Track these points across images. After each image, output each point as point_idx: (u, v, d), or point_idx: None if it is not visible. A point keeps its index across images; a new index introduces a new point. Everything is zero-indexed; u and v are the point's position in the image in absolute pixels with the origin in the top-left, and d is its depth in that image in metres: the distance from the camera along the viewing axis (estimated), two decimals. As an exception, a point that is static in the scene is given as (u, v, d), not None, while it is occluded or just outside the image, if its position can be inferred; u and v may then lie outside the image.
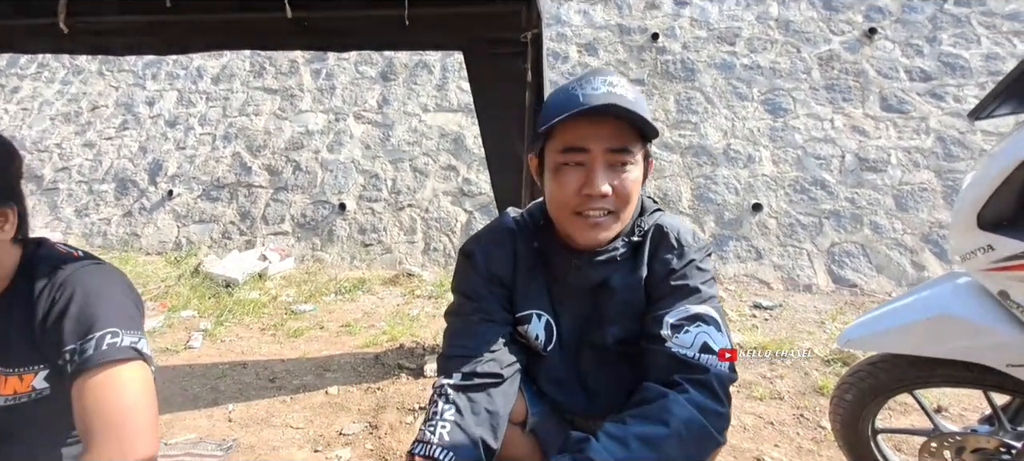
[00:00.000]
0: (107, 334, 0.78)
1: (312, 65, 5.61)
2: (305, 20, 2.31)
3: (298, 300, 3.59)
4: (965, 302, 1.10)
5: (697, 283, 0.90)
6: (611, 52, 5.04)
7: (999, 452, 1.23)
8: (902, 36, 4.60)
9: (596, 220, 0.86)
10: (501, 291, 0.98)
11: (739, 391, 2.33)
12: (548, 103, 0.88)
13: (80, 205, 5.19)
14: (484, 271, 0.97)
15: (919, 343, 1.17)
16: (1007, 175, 0.93)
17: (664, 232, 0.95)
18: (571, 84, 0.86)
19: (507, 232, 1.01)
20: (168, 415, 2.18)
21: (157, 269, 4.14)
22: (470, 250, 0.99)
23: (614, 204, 0.85)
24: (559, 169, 0.85)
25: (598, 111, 0.80)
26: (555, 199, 0.88)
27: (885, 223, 3.73)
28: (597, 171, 0.82)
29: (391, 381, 2.42)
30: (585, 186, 0.83)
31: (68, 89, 6.22)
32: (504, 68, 2.20)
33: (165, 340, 2.98)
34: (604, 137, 0.82)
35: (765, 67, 4.66)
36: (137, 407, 0.76)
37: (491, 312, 0.95)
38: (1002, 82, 0.97)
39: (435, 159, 4.70)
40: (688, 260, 0.92)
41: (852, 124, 4.23)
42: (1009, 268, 0.96)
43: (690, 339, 0.85)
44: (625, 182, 0.84)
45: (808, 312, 3.24)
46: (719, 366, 0.83)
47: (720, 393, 0.81)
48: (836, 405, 1.45)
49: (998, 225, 0.97)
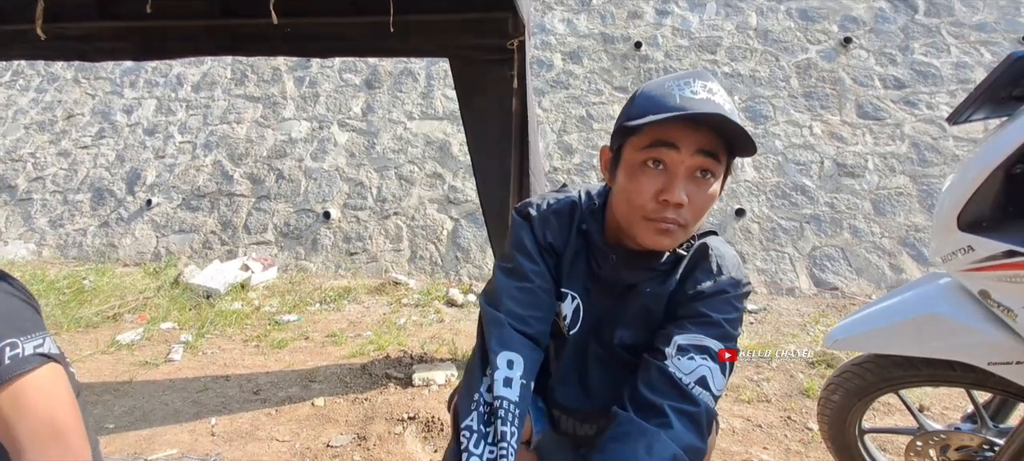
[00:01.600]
0: (6, 348, 0.75)
1: (295, 72, 5.56)
2: (289, 26, 2.29)
3: (282, 310, 3.53)
4: (947, 302, 1.12)
5: (721, 318, 0.86)
6: (595, 60, 5.09)
7: (982, 449, 1.26)
8: (876, 45, 4.74)
9: (666, 227, 0.81)
10: (552, 261, 0.95)
11: (727, 394, 2.35)
12: (638, 99, 0.83)
13: (54, 216, 5.04)
14: (541, 238, 0.94)
15: (904, 343, 1.19)
16: (984, 179, 0.95)
17: (707, 253, 0.91)
18: (667, 82, 0.81)
19: (569, 205, 0.97)
20: (148, 430, 2.11)
21: (135, 280, 4.04)
22: (528, 212, 0.96)
23: (687, 216, 0.81)
24: (639, 168, 0.81)
25: (698, 119, 0.76)
26: (628, 198, 0.83)
27: (864, 227, 3.81)
28: (679, 178, 0.78)
29: (379, 391, 2.38)
30: (663, 192, 0.79)
31: (43, 97, 6.06)
32: (490, 75, 2.21)
33: (144, 353, 2.90)
34: (695, 143, 0.77)
35: (745, 75, 4.75)
36: (58, 411, 0.75)
37: (544, 277, 0.94)
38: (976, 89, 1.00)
39: (421, 167, 4.68)
40: (721, 290, 0.88)
41: (830, 131, 4.33)
42: (988, 268, 0.98)
43: (691, 367, 0.82)
44: (704, 195, 0.80)
45: (792, 315, 3.29)
46: (710, 403, 0.81)
47: (704, 429, 0.80)
48: (823, 406, 1.47)
49: (977, 227, 1.00)
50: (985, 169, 0.94)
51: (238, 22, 2.36)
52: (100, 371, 2.70)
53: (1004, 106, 1.01)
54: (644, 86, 0.84)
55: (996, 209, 0.98)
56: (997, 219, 0.98)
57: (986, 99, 1.00)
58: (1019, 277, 0.92)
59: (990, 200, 0.98)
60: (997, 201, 0.97)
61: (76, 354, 2.90)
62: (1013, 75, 0.90)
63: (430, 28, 2.27)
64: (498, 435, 0.79)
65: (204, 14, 2.36)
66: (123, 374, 2.65)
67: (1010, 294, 0.96)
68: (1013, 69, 0.90)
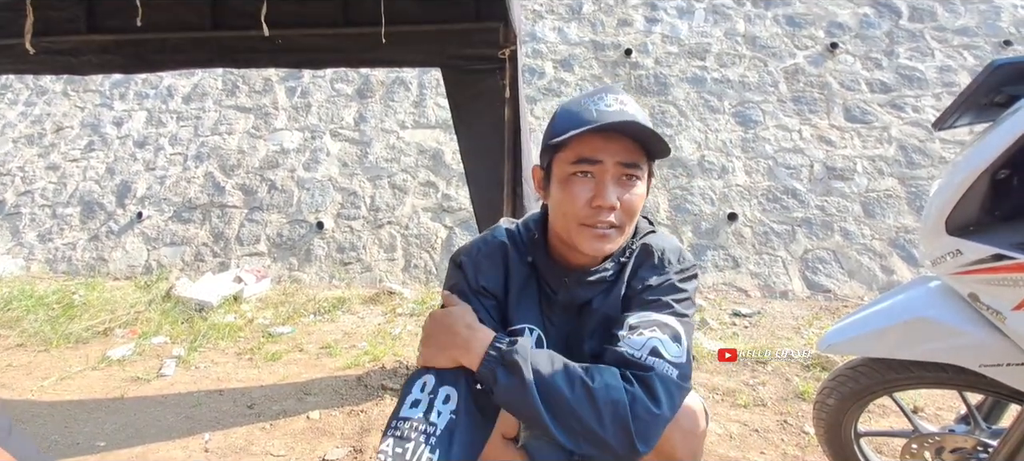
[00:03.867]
0: None
1: (286, 83, 5.55)
2: (280, 38, 2.29)
3: (275, 322, 3.50)
4: (938, 305, 1.14)
5: (669, 299, 0.91)
6: (586, 67, 5.13)
7: (976, 450, 1.27)
8: (862, 50, 4.81)
9: (603, 231, 0.87)
10: (490, 302, 0.97)
11: (723, 399, 2.36)
12: (558, 117, 0.91)
13: (43, 230, 4.98)
14: (473, 282, 0.96)
15: (896, 346, 1.21)
16: (970, 184, 0.97)
17: (650, 251, 0.97)
18: (582, 100, 0.89)
19: (499, 247, 1.01)
20: (140, 447, 2.08)
21: (126, 294, 3.99)
22: (460, 261, 0.99)
23: (620, 218, 0.88)
24: (569, 180, 0.87)
25: (613, 128, 0.83)
26: (563, 209, 0.89)
27: (854, 229, 3.85)
28: (607, 184, 0.85)
29: (375, 403, 2.37)
30: (595, 198, 0.85)
31: (32, 110, 6.01)
32: (482, 85, 2.22)
33: (136, 368, 2.87)
34: (616, 152, 0.85)
35: (735, 81, 4.80)
36: None
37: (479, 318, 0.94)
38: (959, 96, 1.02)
39: (414, 175, 4.67)
40: (666, 277, 0.93)
41: (819, 134, 4.38)
42: (977, 271, 1.00)
43: (641, 342, 0.85)
44: (632, 196, 0.87)
45: (785, 318, 3.31)
46: (664, 369, 0.82)
47: (659, 392, 0.79)
48: (818, 410, 1.48)
49: (965, 231, 1.01)
50: (971, 174, 0.96)
51: (228, 34, 2.36)
52: (91, 387, 2.66)
53: (987, 112, 1.03)
54: (562, 105, 0.93)
55: (983, 213, 1.00)
56: (984, 223, 1.00)
57: (969, 106, 1.02)
58: (1006, 280, 0.93)
59: (977, 204, 0.99)
60: (983, 205, 0.99)
61: (66, 370, 2.86)
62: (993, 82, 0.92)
63: (422, 38, 2.28)
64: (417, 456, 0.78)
65: (194, 26, 2.36)
66: (114, 390, 2.62)
67: (998, 297, 0.97)
68: (993, 77, 0.92)
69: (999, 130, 0.92)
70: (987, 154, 0.92)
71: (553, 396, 0.78)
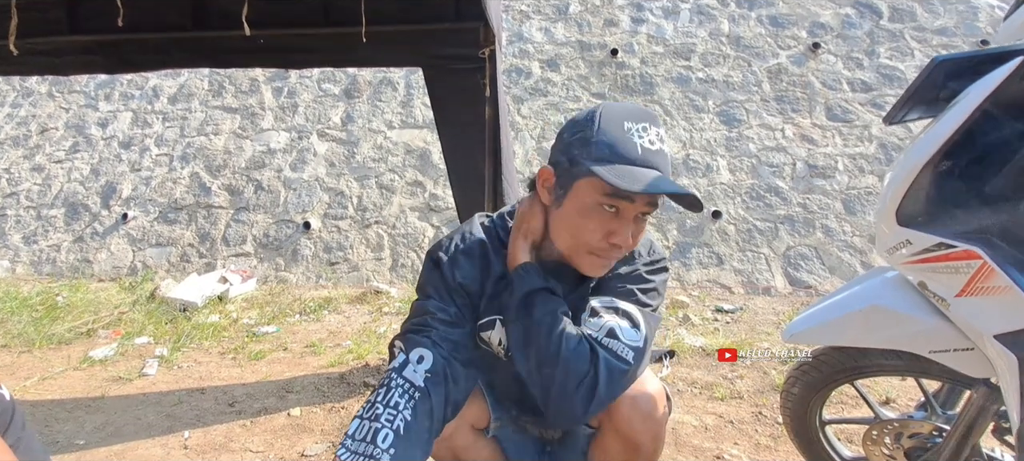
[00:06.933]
0: None
1: (273, 83, 5.55)
2: (263, 38, 2.31)
3: (260, 322, 3.50)
4: (892, 294, 1.17)
5: (635, 287, 0.94)
6: (572, 67, 5.17)
7: (932, 435, 1.31)
8: (843, 50, 4.88)
9: (608, 262, 0.92)
10: (464, 300, 0.97)
11: (702, 392, 2.39)
12: (599, 139, 0.86)
13: (28, 232, 4.95)
14: (451, 281, 0.96)
15: (855, 334, 1.24)
16: (915, 176, 1.00)
17: None
18: (624, 123, 0.86)
19: (477, 243, 1.00)
20: (120, 446, 2.09)
21: (110, 296, 3.98)
22: (437, 258, 0.98)
23: (626, 251, 0.93)
24: (593, 209, 0.87)
25: (667, 194, 0.84)
26: (575, 232, 0.90)
27: (835, 226, 3.91)
28: (628, 224, 0.88)
29: (356, 399, 2.38)
30: (614, 235, 0.87)
31: (17, 112, 5.96)
32: (463, 84, 2.25)
33: (118, 368, 2.86)
34: (648, 199, 0.86)
35: (719, 80, 4.86)
36: None
37: (453, 315, 0.96)
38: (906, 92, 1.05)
39: (401, 175, 4.69)
40: (634, 268, 0.96)
41: (801, 133, 4.44)
42: (924, 260, 1.03)
43: (599, 323, 0.89)
44: (641, 230, 0.92)
45: (767, 314, 3.35)
46: (618, 349, 0.86)
47: (601, 374, 0.84)
48: (785, 399, 1.51)
49: (913, 221, 1.05)
50: (916, 166, 0.99)
51: (210, 35, 2.37)
52: (72, 387, 2.66)
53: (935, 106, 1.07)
54: (602, 122, 0.87)
55: (929, 204, 1.03)
56: (930, 213, 1.03)
57: (917, 101, 1.06)
58: (949, 268, 0.97)
59: (923, 196, 1.03)
60: (929, 196, 1.02)
61: (47, 371, 2.85)
62: (935, 79, 0.96)
63: (402, 38, 2.30)
64: (390, 403, 0.86)
65: (176, 27, 2.37)
66: (95, 390, 2.61)
67: (942, 284, 1.01)
68: (936, 73, 0.96)
69: (939, 124, 0.95)
70: (929, 147, 0.96)
71: (541, 327, 0.87)
